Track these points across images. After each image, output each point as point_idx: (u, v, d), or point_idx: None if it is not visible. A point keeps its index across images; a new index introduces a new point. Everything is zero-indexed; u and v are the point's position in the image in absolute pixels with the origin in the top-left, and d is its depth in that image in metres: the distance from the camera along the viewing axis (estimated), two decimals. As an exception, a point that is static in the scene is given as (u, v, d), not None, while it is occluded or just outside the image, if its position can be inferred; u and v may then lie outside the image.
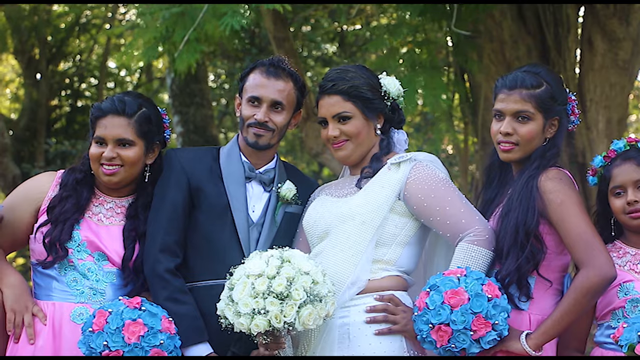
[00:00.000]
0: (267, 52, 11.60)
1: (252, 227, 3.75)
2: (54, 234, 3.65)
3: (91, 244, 3.68)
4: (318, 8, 10.72)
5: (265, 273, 3.32)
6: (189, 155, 3.83)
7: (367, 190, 3.59)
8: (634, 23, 6.75)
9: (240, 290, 3.32)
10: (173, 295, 3.59)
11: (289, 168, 3.96)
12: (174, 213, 3.70)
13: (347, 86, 3.61)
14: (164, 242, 3.66)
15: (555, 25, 6.93)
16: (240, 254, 3.65)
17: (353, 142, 3.63)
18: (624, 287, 3.39)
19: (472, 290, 3.26)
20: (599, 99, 6.93)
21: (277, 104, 3.73)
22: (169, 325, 3.45)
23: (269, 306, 3.28)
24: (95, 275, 3.67)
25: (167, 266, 3.63)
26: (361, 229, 3.53)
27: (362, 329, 3.49)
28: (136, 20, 7.79)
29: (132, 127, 3.70)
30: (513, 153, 3.53)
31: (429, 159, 3.64)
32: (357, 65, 3.76)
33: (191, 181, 3.73)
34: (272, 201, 3.80)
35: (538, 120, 3.50)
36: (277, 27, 7.90)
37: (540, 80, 3.53)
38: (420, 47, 7.19)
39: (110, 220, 3.76)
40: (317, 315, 3.32)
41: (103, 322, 3.39)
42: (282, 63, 3.79)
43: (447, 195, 3.51)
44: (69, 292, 3.66)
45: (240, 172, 3.78)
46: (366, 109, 3.62)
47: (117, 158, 3.68)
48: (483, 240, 3.43)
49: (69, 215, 3.68)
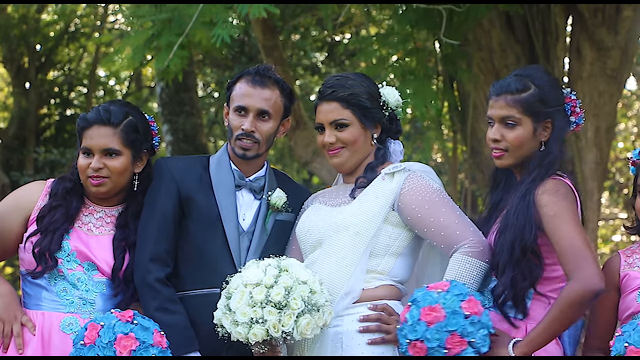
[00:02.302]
0: (257, 60, 11.60)
1: (243, 236, 3.74)
2: (44, 243, 3.63)
3: (81, 253, 3.66)
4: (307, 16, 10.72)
5: (263, 282, 3.31)
6: (178, 164, 3.82)
7: (361, 200, 3.57)
8: (622, 32, 6.77)
9: (238, 299, 3.31)
10: (163, 305, 3.58)
11: (280, 176, 3.95)
12: (164, 222, 3.69)
13: (346, 94, 3.59)
14: (154, 252, 3.64)
15: (544, 34, 6.95)
16: (230, 262, 3.65)
17: (349, 149, 3.62)
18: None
19: (449, 307, 3.22)
20: (587, 108, 6.91)
21: (263, 112, 3.71)
22: (160, 339, 3.43)
23: (267, 315, 3.27)
24: (85, 285, 3.65)
25: (157, 276, 3.62)
26: (355, 239, 3.52)
27: (355, 338, 3.49)
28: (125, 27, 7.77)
29: (118, 136, 3.67)
30: (504, 159, 3.50)
31: (423, 170, 3.63)
32: (357, 74, 3.74)
33: (181, 190, 3.72)
34: (262, 209, 3.78)
35: (526, 124, 3.45)
36: (266, 35, 7.90)
37: (528, 84, 3.49)
38: (409, 56, 7.20)
39: (100, 230, 3.74)
40: (315, 324, 3.32)
41: (95, 335, 3.37)
42: (268, 71, 3.77)
43: (441, 206, 3.49)
44: (59, 302, 3.64)
45: (230, 181, 3.77)
46: (364, 117, 3.61)
47: (104, 169, 3.66)
48: (477, 252, 3.41)
49: (59, 225, 3.66)
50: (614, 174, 13.68)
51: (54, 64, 14.80)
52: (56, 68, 15.06)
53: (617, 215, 14.31)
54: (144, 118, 3.79)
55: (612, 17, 6.73)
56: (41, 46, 14.31)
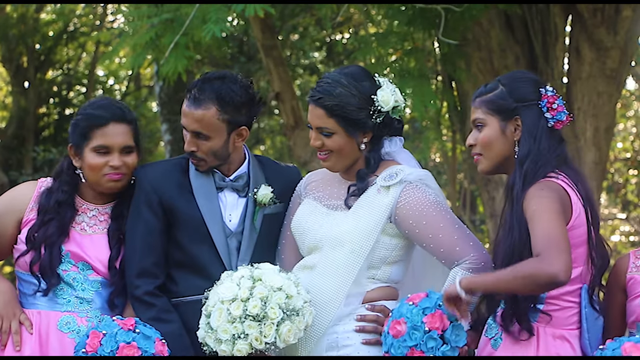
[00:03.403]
0: (256, 60, 11.60)
1: (231, 237, 3.69)
2: (43, 260, 3.61)
3: (74, 255, 3.64)
4: (306, 16, 10.72)
5: (239, 296, 3.28)
6: (156, 172, 3.74)
7: (356, 213, 3.51)
8: (622, 32, 6.75)
9: (217, 317, 3.29)
10: (157, 315, 3.56)
11: (264, 162, 3.87)
12: (148, 236, 3.64)
13: (331, 104, 3.48)
14: (140, 267, 3.62)
15: (543, 34, 6.93)
16: (221, 266, 3.61)
17: (335, 156, 3.55)
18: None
19: (411, 321, 3.21)
20: (586, 108, 6.92)
21: (198, 134, 3.62)
22: (162, 347, 3.42)
23: (247, 329, 3.25)
24: (81, 284, 3.64)
25: (145, 290, 3.60)
26: (350, 257, 3.47)
27: (351, 337, 3.47)
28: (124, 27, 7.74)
29: (132, 133, 3.69)
30: (482, 164, 3.45)
31: (420, 177, 3.52)
32: (353, 74, 3.56)
33: (162, 200, 3.66)
34: (249, 207, 3.72)
35: (492, 123, 3.40)
36: (265, 35, 7.89)
37: (496, 85, 3.45)
38: (408, 56, 7.18)
39: (93, 229, 3.71)
40: (296, 329, 3.30)
41: (97, 344, 3.35)
42: (204, 90, 3.62)
43: (439, 221, 3.43)
44: (55, 301, 3.63)
45: (210, 184, 3.70)
46: (349, 127, 3.50)
47: (123, 166, 3.65)
48: (477, 269, 3.35)
49: (55, 239, 3.63)
50: (612, 174, 13.68)
51: (52, 63, 14.80)
52: (55, 67, 15.06)
53: (616, 215, 14.31)
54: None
55: (612, 17, 6.72)
56: (40, 45, 14.31)
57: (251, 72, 11.66)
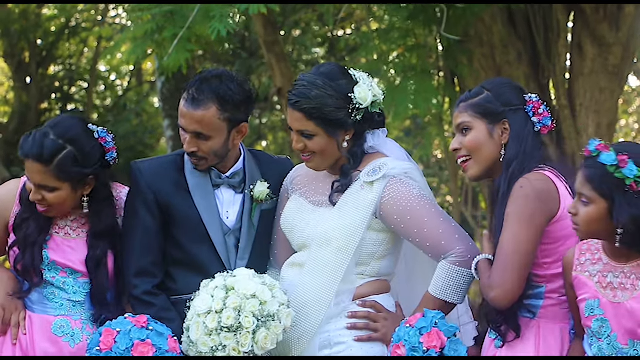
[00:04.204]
0: (257, 56, 11.58)
1: (229, 235, 3.67)
2: (26, 260, 3.58)
3: (60, 263, 3.61)
4: (308, 12, 10.70)
5: (213, 308, 3.29)
6: (152, 169, 3.69)
7: (341, 210, 3.49)
8: (624, 28, 6.74)
9: (195, 330, 3.30)
10: (157, 314, 3.53)
11: (259, 157, 3.84)
12: (145, 235, 3.62)
13: (309, 107, 3.44)
14: (138, 267, 3.61)
15: (545, 30, 6.91)
16: (220, 264, 3.60)
17: (318, 157, 3.52)
18: (589, 305, 3.11)
19: (410, 343, 3.23)
20: (589, 104, 6.91)
21: (198, 134, 3.58)
22: (174, 345, 3.41)
23: (224, 341, 3.26)
24: (72, 287, 3.63)
25: (144, 289, 3.59)
26: (337, 255, 3.46)
27: (343, 335, 3.46)
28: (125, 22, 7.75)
29: (51, 173, 3.49)
30: (472, 170, 3.42)
31: (404, 170, 3.51)
32: (328, 75, 3.51)
33: (158, 198, 3.63)
34: (246, 204, 3.70)
35: (479, 127, 3.38)
36: (267, 31, 7.88)
37: (480, 90, 3.44)
38: (410, 52, 7.16)
39: (77, 232, 3.66)
40: (273, 334, 3.30)
41: (111, 341, 3.33)
42: (203, 90, 3.58)
43: (424, 215, 3.41)
44: (48, 305, 3.62)
45: (207, 182, 3.68)
46: (329, 127, 3.47)
47: (44, 200, 3.53)
48: (464, 261, 3.35)
49: (35, 238, 3.59)
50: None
51: (54, 58, 14.78)
52: (57, 63, 15.04)
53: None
54: (88, 142, 3.57)
55: (614, 13, 6.71)
56: (42, 41, 14.29)
57: (253, 67, 11.65)
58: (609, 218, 2.98)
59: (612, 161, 2.96)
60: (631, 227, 2.94)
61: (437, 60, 7.72)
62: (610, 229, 2.99)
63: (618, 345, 3.03)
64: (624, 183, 2.94)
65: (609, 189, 2.97)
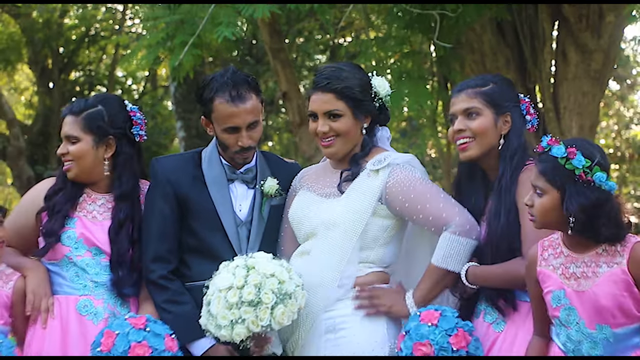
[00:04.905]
0: (264, 62, 11.57)
1: (241, 226, 3.68)
2: (50, 224, 3.64)
3: (87, 240, 3.64)
4: (310, 21, 10.69)
5: (234, 285, 3.27)
6: (171, 165, 3.73)
7: (348, 197, 3.51)
8: (605, 36, 6.72)
9: (216, 304, 3.28)
10: (172, 298, 3.57)
11: (269, 157, 3.86)
12: (163, 224, 3.64)
13: (341, 86, 3.49)
14: (155, 252, 3.62)
15: (531, 38, 6.90)
16: (232, 253, 3.59)
17: (342, 139, 3.53)
18: (555, 295, 3.08)
19: (437, 343, 3.22)
20: (572, 107, 6.90)
21: (253, 123, 3.61)
22: (171, 343, 3.41)
23: (244, 315, 3.25)
24: (94, 269, 3.64)
25: (160, 274, 3.60)
26: (344, 237, 3.46)
27: (347, 320, 3.44)
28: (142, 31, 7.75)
29: (79, 123, 3.66)
30: (470, 150, 3.43)
31: (406, 160, 3.54)
32: (350, 64, 3.63)
33: (177, 191, 3.65)
34: (257, 198, 3.71)
35: (487, 115, 3.41)
36: (273, 38, 7.86)
37: (486, 81, 3.47)
38: (406, 58, 7.16)
39: (103, 216, 3.70)
40: (290, 312, 3.29)
41: (110, 343, 3.34)
42: (241, 82, 3.62)
43: (425, 192, 3.43)
44: (72, 286, 3.64)
45: (222, 176, 3.70)
46: (356, 109, 3.52)
47: (68, 154, 3.67)
48: (465, 231, 3.36)
49: (61, 207, 3.66)
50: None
51: (75, 65, 14.81)
52: (77, 69, 15.07)
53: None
54: (118, 109, 3.75)
55: (596, 22, 6.69)
56: (64, 48, 14.31)
57: (259, 73, 11.63)
58: (562, 208, 2.98)
59: (562, 153, 2.98)
60: (580, 216, 2.95)
61: (431, 66, 7.71)
62: (563, 219, 3.00)
63: (587, 331, 3.02)
64: (574, 173, 2.96)
65: (560, 180, 2.98)
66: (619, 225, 2.97)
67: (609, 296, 2.96)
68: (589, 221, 2.95)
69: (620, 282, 2.95)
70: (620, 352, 2.99)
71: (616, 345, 3.00)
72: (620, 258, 2.97)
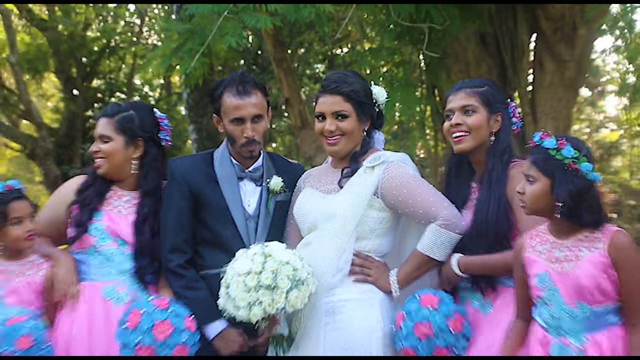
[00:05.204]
0: (268, 71, 11.54)
1: (250, 220, 3.71)
2: (80, 215, 3.69)
3: (112, 231, 3.68)
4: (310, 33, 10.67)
5: (253, 270, 3.29)
6: (186, 165, 3.76)
7: (347, 191, 3.53)
8: (578, 47, 6.70)
9: (235, 287, 3.29)
10: (188, 284, 3.59)
11: (275, 159, 3.90)
12: (179, 218, 3.67)
13: (348, 89, 3.54)
14: (172, 243, 3.65)
15: (512, 49, 6.89)
16: (242, 244, 3.62)
17: (346, 138, 3.57)
18: (540, 277, 3.12)
19: (438, 326, 3.25)
20: (548, 111, 6.87)
21: (257, 116, 3.65)
22: (190, 324, 3.43)
23: (261, 297, 3.26)
24: (118, 258, 3.67)
25: (177, 262, 3.63)
26: (342, 226, 3.48)
27: (345, 304, 3.46)
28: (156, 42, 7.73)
29: (111, 125, 3.72)
30: (465, 142, 3.49)
31: (399, 158, 3.58)
32: (354, 72, 3.68)
33: (192, 188, 3.69)
34: (263, 194, 3.75)
35: (482, 112, 3.48)
36: (276, 49, 7.84)
37: (483, 82, 3.55)
38: (397, 67, 7.16)
39: (128, 210, 3.74)
40: (302, 296, 3.30)
41: (137, 320, 3.36)
42: (247, 80, 3.69)
43: (417, 188, 3.45)
44: (98, 274, 3.66)
45: (233, 174, 3.73)
46: (360, 111, 3.57)
47: (99, 152, 3.72)
48: (450, 224, 3.39)
49: (90, 200, 3.71)
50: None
51: (97, 73, 14.79)
52: (99, 77, 15.05)
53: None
54: (148, 115, 3.81)
55: (570, 35, 6.67)
56: (86, 59, 14.29)
57: (264, 81, 11.61)
58: (551, 194, 3.03)
59: (553, 145, 3.03)
60: (568, 200, 2.99)
61: (420, 74, 7.69)
62: (552, 205, 3.05)
63: (567, 308, 3.05)
64: (563, 163, 3.01)
65: (551, 169, 3.02)
66: (600, 212, 3.02)
67: (589, 277, 3.00)
68: (574, 206, 2.99)
69: (599, 265, 2.99)
70: (597, 329, 3.02)
71: (594, 320, 3.03)
72: (600, 243, 3.02)
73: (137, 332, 3.33)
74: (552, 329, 3.08)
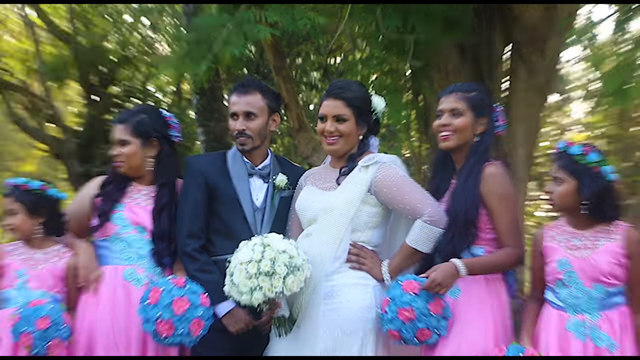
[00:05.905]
0: (269, 78, 11.47)
1: (257, 212, 3.75)
2: (102, 206, 3.74)
3: (133, 220, 3.72)
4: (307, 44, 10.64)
5: (253, 259, 3.29)
6: (204, 160, 3.83)
7: (343, 187, 3.54)
8: (549, 57, 6.67)
9: (238, 275, 3.29)
10: (202, 267, 3.62)
11: (281, 160, 3.94)
12: (195, 207, 3.70)
13: (350, 96, 3.56)
14: (189, 229, 3.67)
15: (489, 59, 6.90)
16: (249, 233, 3.66)
17: (344, 139, 3.58)
18: (560, 262, 3.27)
19: (419, 310, 3.24)
20: (520, 116, 6.85)
21: (249, 114, 3.65)
22: (205, 300, 3.44)
23: (261, 283, 3.26)
24: (138, 244, 3.70)
25: (193, 247, 3.66)
26: (339, 219, 3.48)
27: (343, 289, 3.46)
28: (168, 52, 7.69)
29: (127, 129, 3.76)
30: (450, 141, 3.50)
31: (391, 160, 3.59)
32: (359, 82, 3.72)
33: (208, 181, 3.73)
34: (270, 190, 3.78)
35: (468, 116, 3.49)
36: (276, 58, 7.83)
37: (473, 87, 3.57)
38: (385, 75, 7.14)
39: (146, 202, 3.79)
40: (298, 280, 3.31)
41: (157, 297, 3.36)
42: (249, 82, 3.74)
43: (406, 187, 3.45)
44: (120, 258, 3.69)
45: (244, 171, 3.76)
46: (359, 117, 3.59)
47: (120, 155, 3.76)
48: (434, 221, 3.41)
49: (112, 194, 3.76)
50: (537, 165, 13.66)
51: (114, 81, 14.73)
52: (117, 84, 14.99)
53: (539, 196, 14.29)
54: (157, 117, 3.83)
55: (542, 45, 6.64)
56: (105, 68, 14.24)
57: (265, 88, 11.52)
58: (577, 193, 3.17)
59: (579, 151, 3.17)
60: (593, 199, 3.15)
61: (406, 82, 7.67)
62: (577, 202, 3.20)
63: (585, 289, 3.19)
64: (588, 166, 3.16)
65: (577, 172, 3.16)
66: (618, 208, 3.22)
67: (605, 262, 3.17)
68: (598, 203, 3.15)
69: (614, 253, 3.16)
70: (609, 307, 3.18)
71: (607, 299, 3.17)
72: (617, 235, 3.19)
73: (157, 307, 3.33)
74: (569, 307, 3.19)
